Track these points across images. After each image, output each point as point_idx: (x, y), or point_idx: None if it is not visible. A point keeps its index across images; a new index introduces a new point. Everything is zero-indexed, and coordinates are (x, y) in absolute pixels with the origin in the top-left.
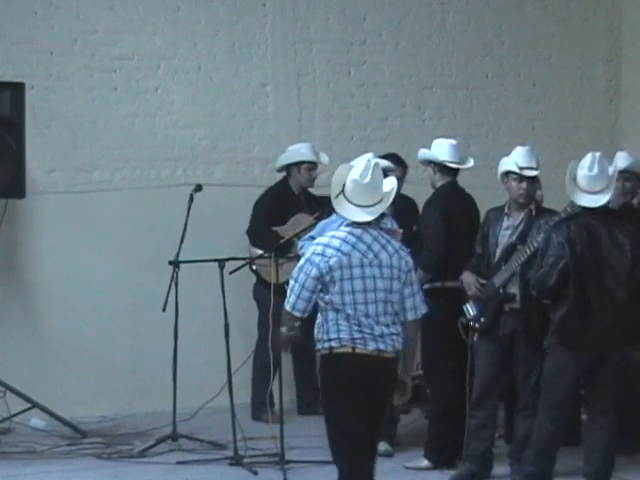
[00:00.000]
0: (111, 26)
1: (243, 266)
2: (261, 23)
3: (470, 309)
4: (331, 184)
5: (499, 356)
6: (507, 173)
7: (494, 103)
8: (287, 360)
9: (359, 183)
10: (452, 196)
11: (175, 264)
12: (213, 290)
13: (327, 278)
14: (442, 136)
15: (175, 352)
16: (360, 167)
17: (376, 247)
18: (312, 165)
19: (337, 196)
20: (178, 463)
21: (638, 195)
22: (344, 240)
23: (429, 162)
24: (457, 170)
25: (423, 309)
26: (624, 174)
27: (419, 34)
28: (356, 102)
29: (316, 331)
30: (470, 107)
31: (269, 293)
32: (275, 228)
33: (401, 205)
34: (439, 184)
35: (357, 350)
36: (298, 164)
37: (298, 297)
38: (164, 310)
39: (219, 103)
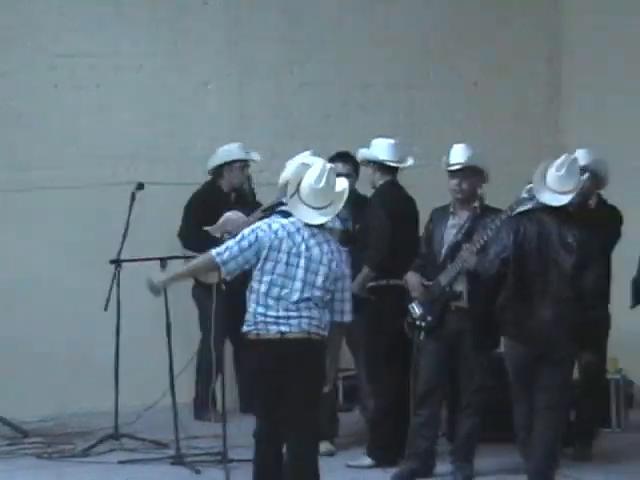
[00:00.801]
0: (52, 23)
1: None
2: (203, 21)
3: (416, 308)
4: (288, 183)
5: (444, 355)
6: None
7: (436, 102)
8: (229, 359)
9: (313, 188)
10: (393, 195)
11: (117, 263)
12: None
13: (260, 253)
14: (384, 135)
15: (117, 351)
16: (315, 171)
17: (311, 242)
18: (244, 163)
19: (292, 196)
20: (120, 462)
21: (595, 196)
22: (283, 226)
23: (369, 162)
24: (396, 169)
25: (348, 317)
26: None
27: (361, 32)
28: (298, 100)
29: None
30: (412, 106)
31: (208, 293)
32: (206, 228)
33: (355, 203)
34: (379, 183)
35: (261, 334)
36: (230, 163)
37: (233, 258)
38: (106, 309)
39: (161, 101)
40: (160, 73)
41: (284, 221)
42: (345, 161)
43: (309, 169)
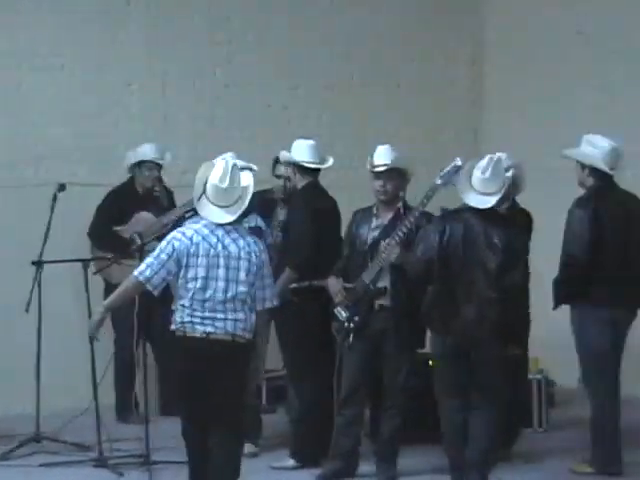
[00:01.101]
0: None
1: (108, 266)
2: (126, 21)
3: (342, 312)
4: (194, 185)
5: (368, 354)
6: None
7: (359, 104)
8: (150, 359)
9: (218, 187)
10: (315, 196)
11: (38, 264)
12: (77, 290)
13: (181, 262)
14: (307, 136)
15: (39, 353)
16: (219, 170)
17: (227, 240)
18: (152, 164)
19: (199, 198)
20: (41, 465)
21: (509, 201)
22: (197, 231)
23: (289, 163)
24: (317, 170)
25: (273, 301)
26: None
27: (284, 34)
28: (222, 102)
29: None
30: (335, 107)
31: None
32: (116, 228)
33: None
34: (300, 185)
35: (187, 333)
36: (139, 164)
37: (156, 273)
38: (27, 311)
39: (83, 102)
40: (82, 73)
41: (196, 226)
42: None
43: (213, 168)
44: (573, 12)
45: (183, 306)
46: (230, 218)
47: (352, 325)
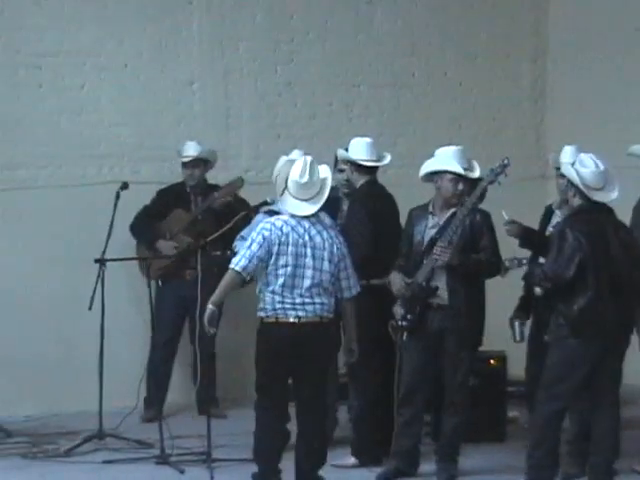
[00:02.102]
0: (36, 22)
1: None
2: (188, 20)
3: (398, 309)
4: (275, 182)
5: (427, 353)
6: (438, 172)
7: (421, 102)
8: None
9: (299, 182)
10: (373, 194)
11: (101, 262)
12: (140, 288)
13: (272, 250)
14: (369, 135)
15: (101, 351)
16: (298, 167)
17: (313, 232)
18: (192, 161)
19: (282, 193)
20: (104, 462)
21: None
22: (285, 222)
23: (346, 162)
24: (375, 168)
25: (357, 288)
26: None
27: (346, 32)
28: (283, 100)
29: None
30: (397, 106)
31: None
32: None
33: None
34: (358, 183)
35: (280, 319)
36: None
37: (249, 260)
38: (90, 308)
39: (146, 101)
40: (145, 72)
41: (285, 217)
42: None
43: (293, 165)
44: (633, 9)
45: (273, 292)
46: (313, 209)
47: (405, 323)
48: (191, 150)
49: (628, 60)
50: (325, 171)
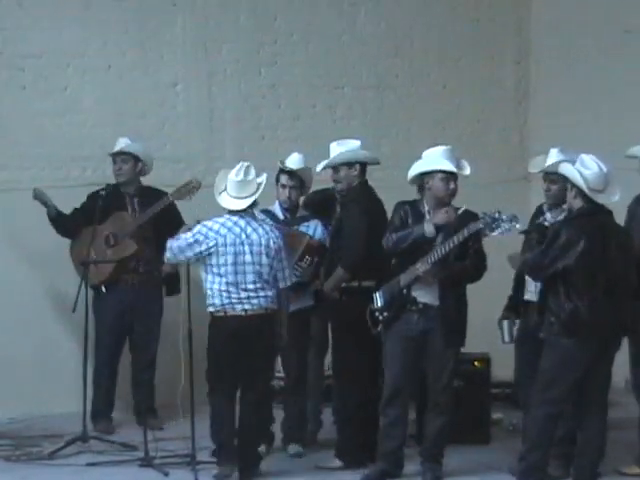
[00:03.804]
0: (19, 23)
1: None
2: (171, 22)
3: (378, 299)
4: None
5: (411, 355)
6: (429, 173)
7: (405, 103)
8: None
9: (234, 180)
10: (367, 195)
11: (86, 264)
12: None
13: (207, 251)
14: (353, 136)
15: (85, 353)
16: (235, 168)
17: (249, 230)
18: (119, 157)
19: (221, 193)
20: (88, 465)
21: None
22: (222, 224)
23: (352, 163)
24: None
25: (293, 279)
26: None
27: (330, 34)
28: (267, 102)
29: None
30: (381, 107)
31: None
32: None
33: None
34: (355, 183)
35: (228, 313)
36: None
37: (181, 251)
38: (74, 310)
39: (129, 102)
40: (128, 74)
41: (221, 219)
42: (290, 176)
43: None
44: (620, 10)
45: (220, 290)
46: (243, 206)
47: (380, 317)
48: (120, 144)
49: (612, 61)
50: (261, 177)
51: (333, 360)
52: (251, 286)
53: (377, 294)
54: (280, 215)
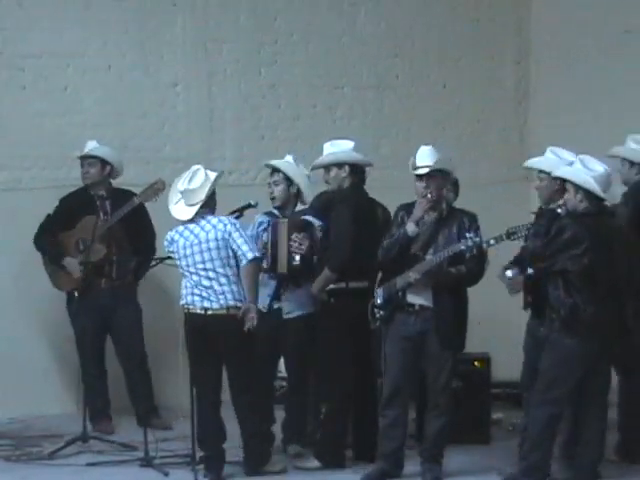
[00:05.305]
0: (19, 24)
1: (154, 266)
2: (171, 22)
3: (379, 296)
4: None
5: (410, 355)
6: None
7: (405, 103)
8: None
9: (178, 189)
10: (358, 196)
11: (85, 264)
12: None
13: (174, 256)
14: (352, 136)
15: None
16: (182, 176)
17: (197, 230)
18: (85, 160)
19: (176, 202)
20: (88, 465)
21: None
22: (176, 231)
23: (341, 164)
24: (363, 172)
25: (254, 253)
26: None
27: (330, 34)
28: (267, 102)
29: None
30: (381, 107)
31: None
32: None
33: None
34: (344, 185)
35: (191, 310)
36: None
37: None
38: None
39: (129, 102)
40: (128, 74)
41: (180, 228)
42: (272, 173)
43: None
44: (620, 10)
45: (185, 287)
46: (189, 215)
47: (377, 315)
48: (87, 147)
49: (612, 61)
50: (203, 180)
51: (320, 360)
52: (207, 283)
53: (378, 291)
54: (277, 213)
